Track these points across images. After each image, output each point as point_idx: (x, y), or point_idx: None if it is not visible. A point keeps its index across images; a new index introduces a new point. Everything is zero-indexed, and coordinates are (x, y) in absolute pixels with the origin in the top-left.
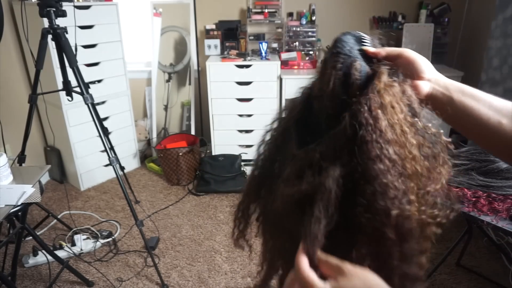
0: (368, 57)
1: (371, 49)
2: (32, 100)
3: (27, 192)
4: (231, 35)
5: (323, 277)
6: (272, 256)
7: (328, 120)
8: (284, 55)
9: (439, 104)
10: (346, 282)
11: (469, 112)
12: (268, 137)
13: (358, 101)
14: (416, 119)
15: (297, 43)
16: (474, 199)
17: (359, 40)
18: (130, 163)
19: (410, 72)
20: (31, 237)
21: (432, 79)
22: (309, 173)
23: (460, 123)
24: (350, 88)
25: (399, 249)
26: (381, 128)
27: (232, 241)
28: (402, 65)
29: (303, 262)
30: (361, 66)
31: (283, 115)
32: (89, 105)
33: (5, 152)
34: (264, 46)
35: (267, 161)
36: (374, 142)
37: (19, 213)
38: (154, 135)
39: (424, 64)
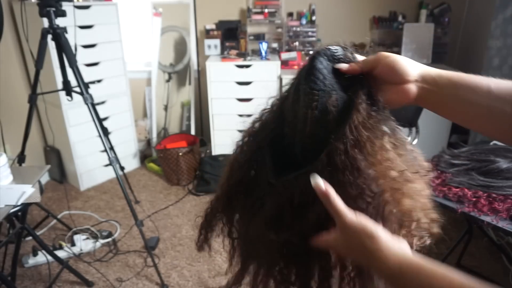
0: (344, 74)
1: (344, 66)
2: (32, 100)
3: (26, 192)
4: (231, 35)
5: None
6: (244, 259)
7: (303, 152)
8: (284, 55)
9: (431, 102)
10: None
11: (467, 106)
12: (245, 148)
13: (335, 141)
14: (403, 141)
15: (297, 43)
16: (474, 199)
17: (332, 58)
18: (130, 163)
19: (393, 79)
20: (31, 237)
21: (419, 78)
22: (288, 216)
23: (459, 116)
24: (328, 124)
25: None
26: (360, 168)
27: (196, 247)
28: (383, 73)
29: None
30: (337, 100)
31: (256, 128)
32: (89, 105)
33: (5, 152)
34: (264, 46)
35: (242, 169)
36: (353, 184)
37: (19, 213)
38: (154, 135)
39: (405, 65)
